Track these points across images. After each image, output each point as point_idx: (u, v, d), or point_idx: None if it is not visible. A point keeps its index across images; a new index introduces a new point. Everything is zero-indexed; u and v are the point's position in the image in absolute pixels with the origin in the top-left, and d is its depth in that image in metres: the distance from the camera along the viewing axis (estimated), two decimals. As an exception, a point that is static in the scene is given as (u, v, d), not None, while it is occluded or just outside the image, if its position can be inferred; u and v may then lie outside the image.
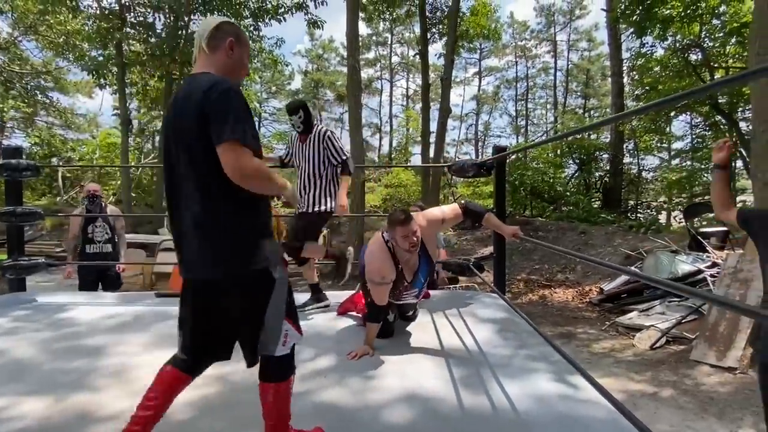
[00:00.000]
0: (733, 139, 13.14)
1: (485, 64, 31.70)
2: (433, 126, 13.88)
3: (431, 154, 14.93)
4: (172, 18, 11.92)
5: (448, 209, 2.40)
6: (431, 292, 3.21)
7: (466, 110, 32.84)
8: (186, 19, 11.93)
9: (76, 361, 2.07)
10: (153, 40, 11.67)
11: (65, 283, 4.41)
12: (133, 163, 17.10)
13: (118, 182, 17.25)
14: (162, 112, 14.43)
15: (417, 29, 18.70)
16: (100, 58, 12.34)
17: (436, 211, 2.39)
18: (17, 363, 2.05)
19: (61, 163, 18.60)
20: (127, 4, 11.88)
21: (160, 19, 12.06)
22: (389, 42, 30.32)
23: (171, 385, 1.37)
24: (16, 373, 1.94)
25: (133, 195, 15.65)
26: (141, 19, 11.95)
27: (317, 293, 2.90)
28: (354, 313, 2.69)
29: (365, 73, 29.90)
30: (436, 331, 2.47)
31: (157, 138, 18.08)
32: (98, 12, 12.01)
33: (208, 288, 1.36)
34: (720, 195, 1.99)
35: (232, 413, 1.62)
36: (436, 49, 22.65)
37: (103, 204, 4.14)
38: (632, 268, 7.02)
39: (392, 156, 28.55)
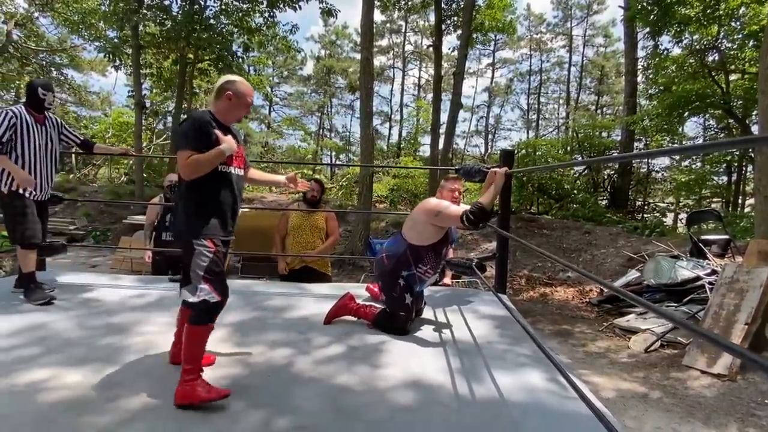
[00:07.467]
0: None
1: (499, 56, 31.45)
2: (444, 117, 13.89)
3: (440, 145, 14.98)
4: (187, 2, 11.98)
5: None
6: (434, 287, 3.36)
7: (477, 102, 32.68)
8: (202, 3, 12.00)
9: (105, 338, 2.26)
10: (168, 23, 11.76)
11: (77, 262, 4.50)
12: (144, 144, 17.25)
13: (130, 161, 17.49)
14: (175, 94, 14.55)
15: (432, 18, 18.59)
16: (116, 40, 12.47)
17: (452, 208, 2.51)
18: (55, 338, 2.24)
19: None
20: (144, -15, 11.96)
21: (176, 3, 12.14)
22: (403, 30, 30.10)
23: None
24: (55, 347, 2.12)
25: (144, 175, 15.86)
26: (158, 1, 12.03)
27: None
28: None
29: (377, 61, 29.70)
30: (438, 327, 2.63)
31: (170, 119, 18.25)
32: (115, -8, 12.11)
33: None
34: None
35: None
36: (450, 41, 22.50)
37: None
38: (634, 270, 7.14)
39: (401, 146, 28.54)
